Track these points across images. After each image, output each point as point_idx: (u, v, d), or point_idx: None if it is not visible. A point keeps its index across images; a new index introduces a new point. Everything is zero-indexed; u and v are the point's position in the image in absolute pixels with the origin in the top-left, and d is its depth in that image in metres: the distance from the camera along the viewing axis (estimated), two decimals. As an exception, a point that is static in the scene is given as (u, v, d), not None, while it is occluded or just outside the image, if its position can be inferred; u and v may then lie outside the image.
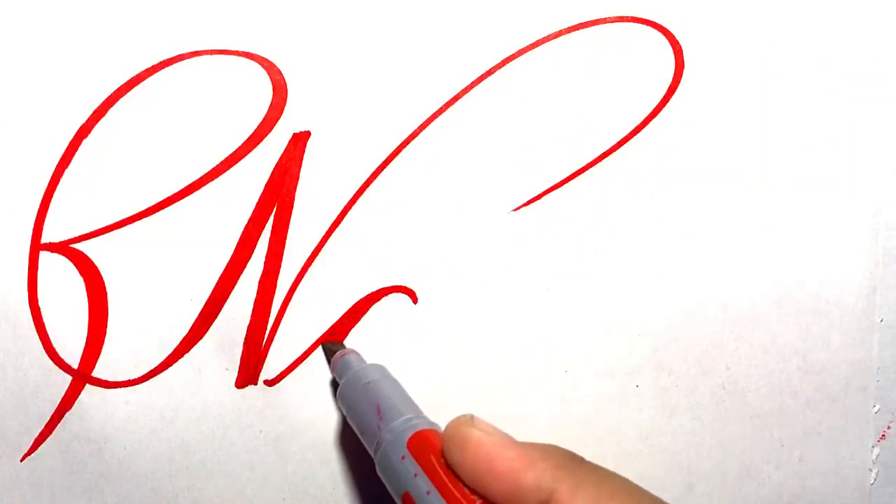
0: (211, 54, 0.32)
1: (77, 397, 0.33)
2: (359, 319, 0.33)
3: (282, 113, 0.32)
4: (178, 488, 0.34)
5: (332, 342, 0.32)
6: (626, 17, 0.32)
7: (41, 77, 0.32)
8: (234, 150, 0.32)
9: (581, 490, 0.21)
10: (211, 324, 0.33)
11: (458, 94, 0.32)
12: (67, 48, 0.32)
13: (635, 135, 0.32)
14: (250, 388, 0.33)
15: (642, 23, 0.32)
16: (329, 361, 0.32)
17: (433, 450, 0.24)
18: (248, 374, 0.33)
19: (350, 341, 0.33)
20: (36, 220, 0.32)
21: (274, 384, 0.33)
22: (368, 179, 0.32)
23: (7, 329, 0.33)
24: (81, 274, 0.32)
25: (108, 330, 0.33)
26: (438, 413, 0.27)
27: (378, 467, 0.25)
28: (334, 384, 0.32)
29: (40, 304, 0.33)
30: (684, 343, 0.33)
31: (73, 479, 0.34)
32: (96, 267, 0.32)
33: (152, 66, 0.32)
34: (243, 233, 0.32)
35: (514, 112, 0.32)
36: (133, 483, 0.33)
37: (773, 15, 0.32)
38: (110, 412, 0.33)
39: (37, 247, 0.32)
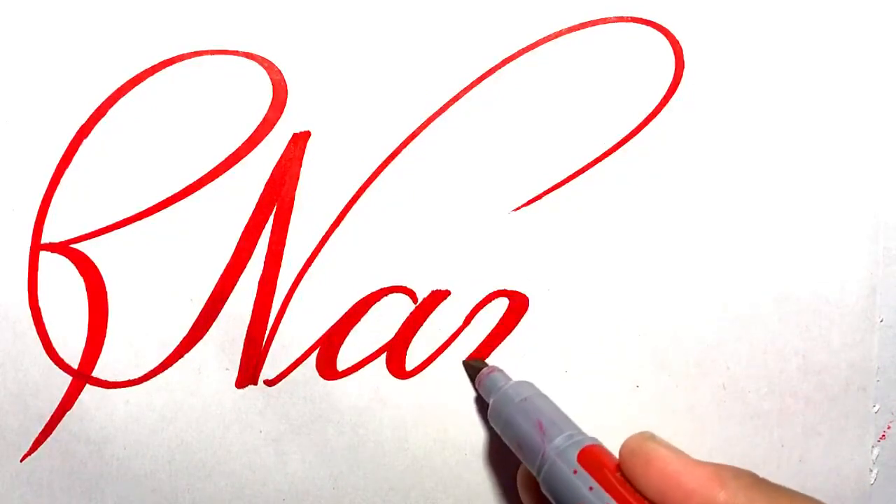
0: (211, 54, 0.32)
1: (77, 397, 0.33)
2: (359, 319, 0.33)
3: (282, 113, 0.32)
4: (178, 488, 0.34)
5: (474, 359, 0.33)
6: (626, 17, 0.32)
7: (41, 77, 0.32)
8: (234, 150, 0.32)
9: None
10: (211, 324, 0.33)
11: (457, 95, 0.32)
12: (67, 48, 0.32)
13: (635, 135, 0.32)
14: (250, 388, 0.33)
15: (642, 23, 0.32)
16: (472, 379, 0.32)
17: (606, 464, 0.24)
18: (248, 374, 0.33)
19: (350, 341, 0.33)
20: (36, 220, 0.32)
21: (274, 384, 0.33)
22: (368, 179, 0.32)
23: (7, 329, 0.33)
24: (81, 274, 0.32)
25: (108, 330, 0.33)
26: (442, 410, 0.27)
27: (545, 482, 0.26)
28: (480, 402, 0.31)
29: (40, 304, 0.33)
30: (684, 343, 0.33)
31: (73, 479, 0.34)
32: (96, 267, 0.32)
33: (152, 66, 0.32)
34: (243, 233, 0.32)
35: (514, 112, 0.32)
36: (133, 483, 0.33)
37: (774, 15, 0.32)
38: (110, 412, 0.33)
39: (37, 247, 0.32)
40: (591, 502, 0.24)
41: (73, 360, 0.33)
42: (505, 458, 0.33)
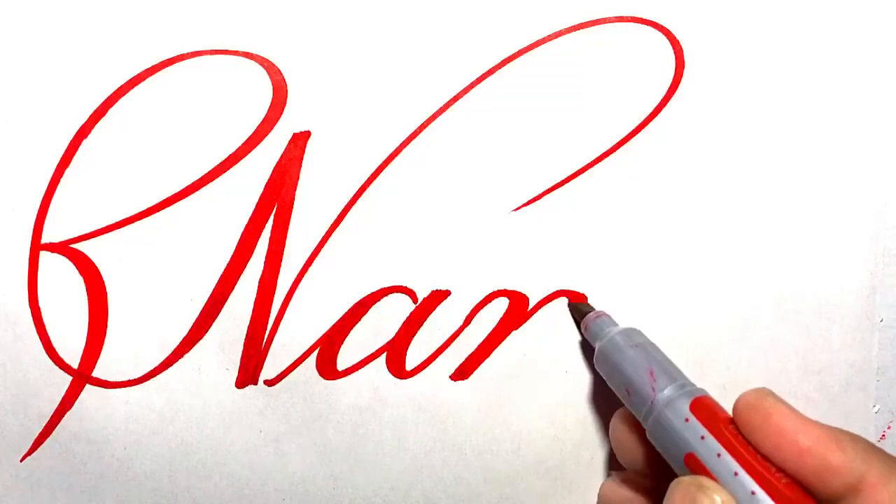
0: (211, 54, 0.32)
1: (77, 397, 0.33)
2: (359, 319, 0.33)
3: (282, 113, 0.32)
4: (178, 488, 0.34)
5: (580, 302, 0.32)
6: (626, 17, 0.32)
7: (41, 77, 0.32)
8: (234, 150, 0.32)
9: (894, 477, 0.22)
10: (211, 324, 0.33)
11: (458, 95, 0.32)
12: (67, 48, 0.32)
13: (635, 135, 0.32)
14: (250, 388, 0.33)
15: (642, 23, 0.32)
16: (578, 322, 0.32)
17: (719, 416, 0.25)
18: (248, 374, 0.33)
19: (350, 341, 0.33)
20: (36, 220, 0.32)
21: (274, 384, 0.33)
22: (368, 179, 0.32)
23: (7, 329, 0.33)
24: (81, 274, 0.32)
25: (108, 330, 0.33)
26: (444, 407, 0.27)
27: (652, 429, 0.26)
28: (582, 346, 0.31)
29: (40, 304, 0.33)
30: (684, 343, 0.33)
31: (73, 479, 0.34)
32: (96, 267, 0.32)
33: (152, 66, 0.32)
34: (243, 233, 0.32)
35: (514, 112, 0.32)
36: (133, 483, 0.33)
37: (774, 15, 0.32)
38: (110, 412, 0.33)
39: (37, 247, 0.32)
40: (701, 452, 0.24)
41: (73, 360, 0.33)
42: (507, 458, 0.33)
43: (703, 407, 0.25)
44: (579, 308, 0.32)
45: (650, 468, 0.28)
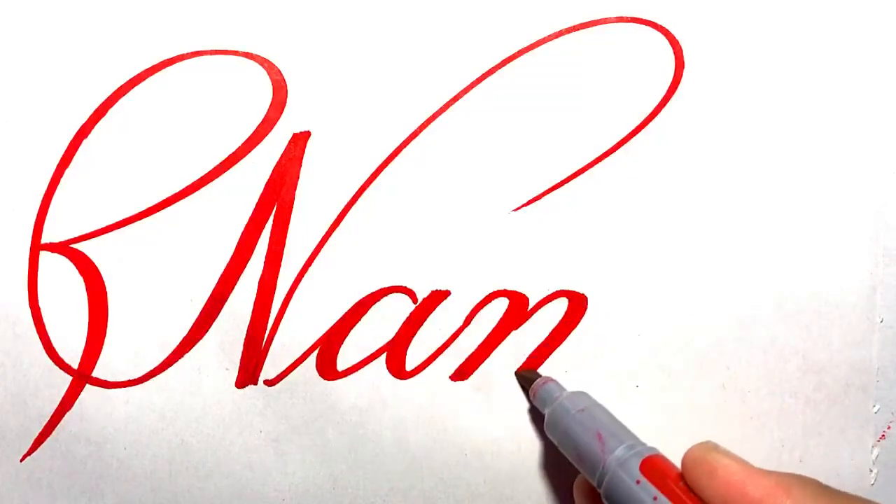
0: (211, 54, 0.32)
1: (77, 397, 0.33)
2: (359, 319, 0.33)
3: (282, 113, 0.32)
4: (178, 488, 0.34)
5: (527, 370, 0.33)
6: (626, 17, 0.32)
7: (41, 77, 0.32)
8: (234, 150, 0.32)
9: None
10: (211, 324, 0.33)
11: (457, 95, 0.32)
12: (67, 48, 0.32)
13: (635, 135, 0.32)
14: (250, 388, 0.33)
15: (642, 23, 0.32)
16: (526, 391, 0.32)
17: (669, 474, 0.25)
18: (248, 374, 0.33)
19: (350, 341, 0.33)
20: (36, 220, 0.32)
21: (274, 384, 0.33)
22: (368, 179, 0.32)
23: (7, 329, 0.33)
24: (81, 274, 0.32)
25: (108, 330, 0.33)
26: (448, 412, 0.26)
27: (606, 493, 0.26)
28: (534, 411, 0.31)
29: (40, 304, 0.33)
30: (684, 343, 0.33)
31: (73, 479, 0.34)
32: (96, 267, 0.32)
33: (152, 66, 0.32)
34: (243, 233, 0.32)
35: (514, 112, 0.32)
36: (133, 483, 0.33)
37: (773, 15, 0.32)
38: (110, 412, 0.33)
39: (37, 247, 0.32)
40: None
41: (73, 360, 0.33)
42: (507, 458, 0.33)
43: (653, 466, 0.25)
44: (525, 375, 0.32)
45: None
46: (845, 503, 0.23)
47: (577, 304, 0.32)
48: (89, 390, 0.33)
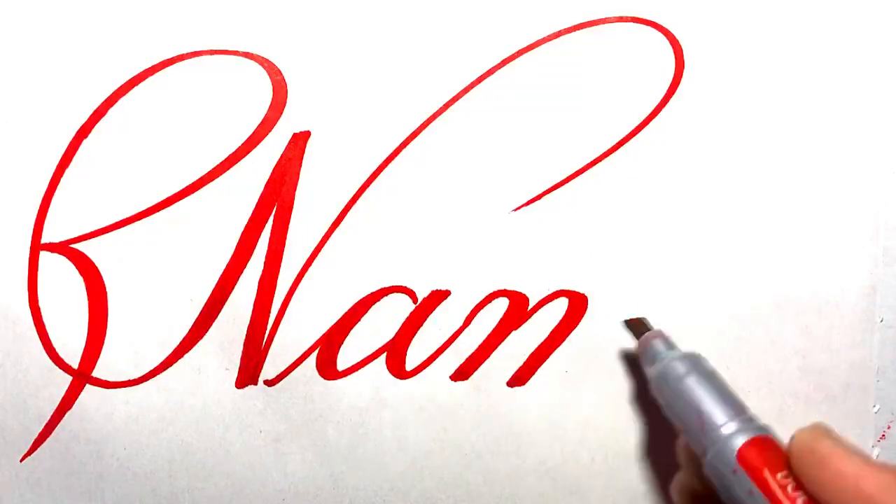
0: (211, 54, 0.32)
1: (77, 397, 0.33)
2: (359, 319, 0.33)
3: (282, 113, 0.32)
4: (178, 488, 0.33)
5: (637, 319, 0.31)
6: (626, 17, 0.32)
7: (41, 77, 0.32)
8: (234, 150, 0.32)
9: None
10: (211, 324, 0.33)
11: (457, 95, 0.32)
12: (67, 48, 0.32)
13: (635, 135, 0.32)
14: (250, 388, 0.33)
15: (642, 23, 0.32)
16: (637, 339, 0.30)
17: (771, 462, 0.23)
18: (248, 374, 0.33)
19: (350, 341, 0.33)
20: (36, 220, 0.32)
21: (274, 384, 0.33)
22: (368, 179, 0.32)
23: (7, 329, 0.33)
24: (81, 274, 0.32)
25: (108, 330, 0.33)
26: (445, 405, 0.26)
27: (707, 477, 0.25)
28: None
29: (40, 304, 0.33)
30: (684, 343, 0.33)
31: (73, 479, 0.34)
32: (96, 267, 0.32)
33: (152, 66, 0.32)
34: (243, 233, 0.32)
35: (514, 112, 0.32)
36: (133, 483, 0.33)
37: (774, 15, 0.32)
38: (110, 412, 0.33)
39: (37, 247, 0.32)
40: None
41: (73, 360, 0.33)
42: (507, 458, 0.33)
43: (754, 453, 0.24)
44: (635, 326, 0.31)
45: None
46: None
47: (577, 304, 0.32)
48: (89, 390, 0.33)
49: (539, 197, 0.32)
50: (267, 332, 0.33)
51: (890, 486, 0.21)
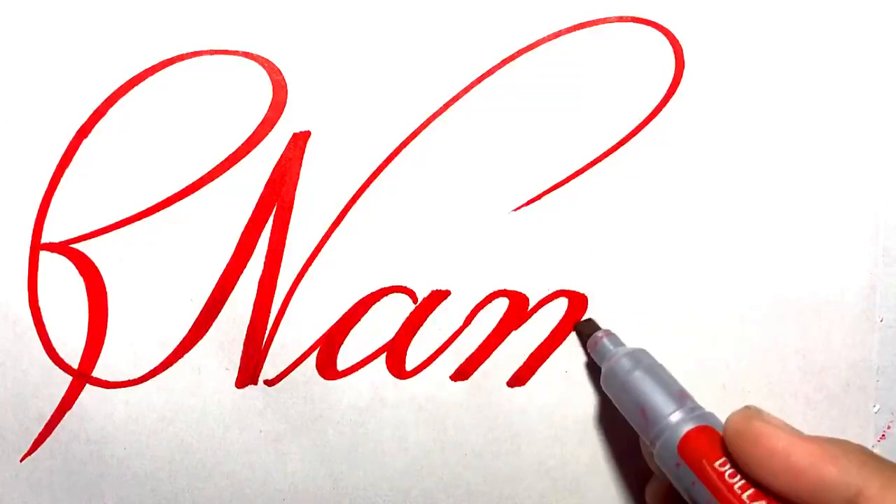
0: (211, 54, 0.32)
1: (77, 397, 0.33)
2: (359, 319, 0.33)
3: (282, 113, 0.32)
4: (178, 488, 0.34)
5: (586, 321, 0.32)
6: (626, 17, 0.32)
7: (41, 77, 0.32)
8: (234, 150, 0.32)
9: (893, 488, 0.21)
10: (211, 324, 0.33)
11: (457, 95, 0.32)
12: (67, 48, 0.32)
13: (635, 135, 0.32)
14: (250, 388, 0.33)
15: (642, 23, 0.32)
16: (584, 343, 0.32)
17: (709, 451, 0.24)
18: (248, 374, 0.33)
19: (350, 341, 0.33)
20: (36, 220, 0.32)
21: (274, 384, 0.33)
22: (368, 179, 0.32)
23: (7, 329, 0.33)
24: (81, 274, 0.32)
25: (108, 330, 0.33)
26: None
27: (661, 470, 0.26)
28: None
29: (40, 304, 0.33)
30: (684, 343, 0.33)
31: (73, 479, 0.34)
32: (96, 267, 0.32)
33: (152, 66, 0.32)
34: (243, 233, 0.32)
35: (514, 112, 0.32)
36: (133, 483, 0.33)
37: (774, 15, 0.32)
38: (110, 412, 0.33)
39: (37, 247, 0.32)
40: (696, 497, 0.24)
41: (73, 360, 0.33)
42: (507, 458, 0.33)
43: (694, 443, 0.25)
44: (584, 328, 0.32)
45: None
46: (891, 473, 0.22)
47: (577, 304, 0.32)
48: (89, 390, 0.33)
49: (539, 197, 0.32)
50: (267, 332, 0.33)
51: (820, 457, 0.22)
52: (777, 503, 0.22)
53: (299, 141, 0.32)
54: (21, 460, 0.33)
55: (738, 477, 0.23)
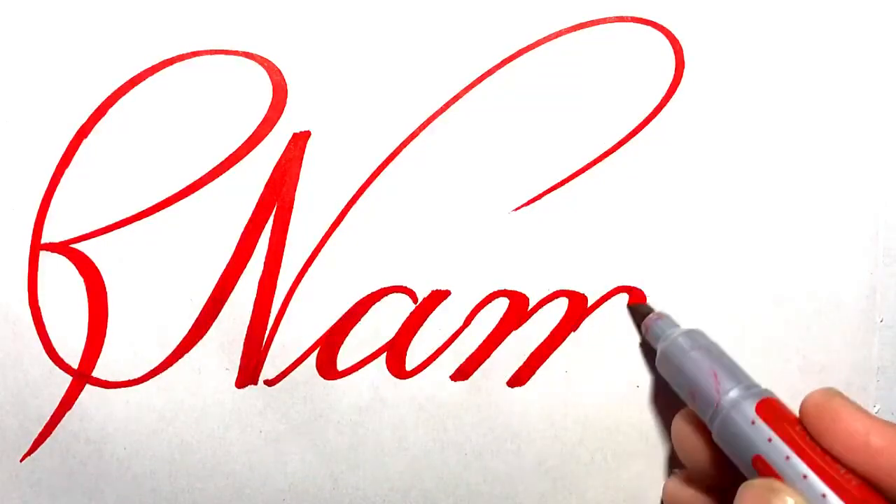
0: (211, 54, 0.32)
1: (77, 397, 0.33)
2: (359, 319, 0.33)
3: (282, 113, 0.32)
4: (178, 488, 0.34)
5: (638, 304, 0.32)
6: (626, 17, 0.32)
7: (41, 77, 0.32)
8: (234, 150, 0.32)
9: None
10: (211, 324, 0.33)
11: (457, 95, 0.32)
12: (67, 48, 0.32)
13: (635, 135, 0.32)
14: (250, 388, 0.33)
15: (642, 23, 0.32)
16: (638, 325, 0.32)
17: (786, 417, 0.25)
18: (248, 374, 0.33)
19: (350, 341, 0.33)
20: (36, 220, 0.32)
21: (274, 384, 0.33)
22: (368, 179, 0.32)
23: (7, 329, 0.33)
24: (81, 274, 0.32)
25: (108, 330, 0.33)
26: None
27: (718, 432, 0.26)
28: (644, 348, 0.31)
29: (40, 304, 0.33)
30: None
31: (73, 479, 0.34)
32: (96, 267, 0.32)
33: (152, 66, 0.32)
34: (243, 233, 0.32)
35: (514, 112, 0.32)
36: (133, 483, 0.33)
37: (774, 15, 0.32)
38: (110, 412, 0.33)
39: (37, 247, 0.32)
40: (769, 454, 0.24)
41: (73, 360, 0.33)
42: (507, 458, 0.33)
43: (770, 408, 0.25)
44: (639, 309, 0.32)
45: (715, 468, 0.28)
46: None
47: (578, 304, 0.32)
48: (89, 390, 0.33)
49: (539, 197, 0.32)
50: (267, 332, 0.33)
51: None
52: (852, 472, 0.23)
53: (299, 141, 0.32)
54: (21, 460, 0.33)
55: (815, 445, 0.24)
